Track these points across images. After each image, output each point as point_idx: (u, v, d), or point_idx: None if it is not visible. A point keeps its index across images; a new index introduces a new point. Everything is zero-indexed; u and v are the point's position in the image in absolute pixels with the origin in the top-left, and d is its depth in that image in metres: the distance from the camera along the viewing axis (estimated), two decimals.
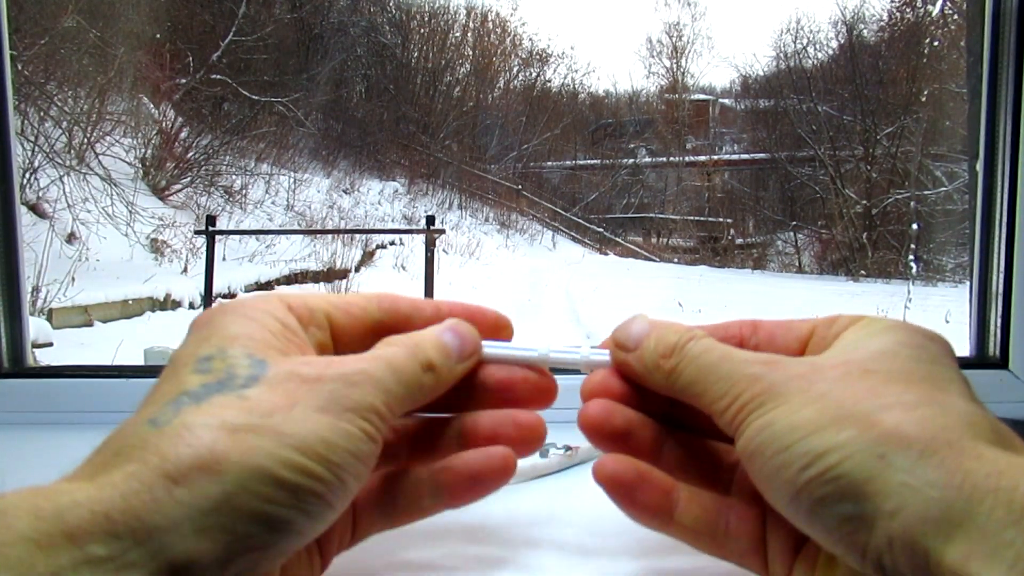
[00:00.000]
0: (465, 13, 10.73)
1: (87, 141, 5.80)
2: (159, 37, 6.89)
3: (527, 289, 6.93)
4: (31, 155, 5.06)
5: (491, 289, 6.74)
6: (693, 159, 10.77)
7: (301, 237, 6.77)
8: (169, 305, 4.87)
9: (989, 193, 0.62)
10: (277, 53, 8.45)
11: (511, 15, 11.79)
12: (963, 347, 0.64)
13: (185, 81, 7.37)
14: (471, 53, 10.91)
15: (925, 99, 7.68)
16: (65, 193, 5.20)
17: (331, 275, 6.36)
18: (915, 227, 7.83)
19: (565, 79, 11.41)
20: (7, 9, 0.61)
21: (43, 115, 5.38)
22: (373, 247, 7.31)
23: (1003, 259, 0.61)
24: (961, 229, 6.65)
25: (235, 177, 7.36)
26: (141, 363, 0.83)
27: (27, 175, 4.97)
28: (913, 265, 7.35)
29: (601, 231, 10.39)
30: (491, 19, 10.95)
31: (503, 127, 10.71)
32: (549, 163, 11.05)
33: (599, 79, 14.91)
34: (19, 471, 0.48)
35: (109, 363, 0.60)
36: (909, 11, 8.95)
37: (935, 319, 4.12)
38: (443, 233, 8.05)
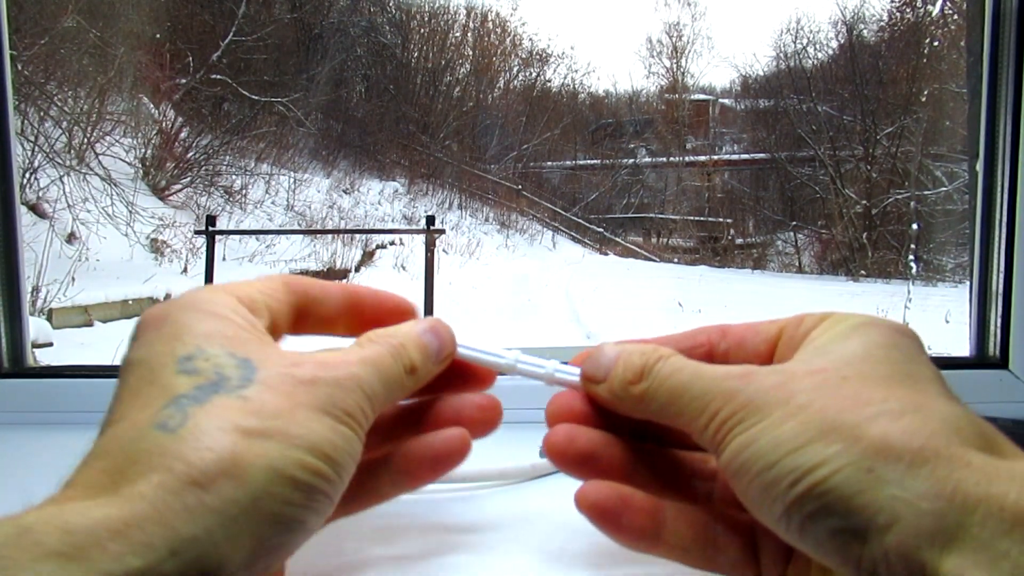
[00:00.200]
0: (465, 13, 10.74)
1: (87, 141, 5.80)
2: (159, 37, 6.88)
3: (527, 289, 6.93)
4: (31, 155, 5.06)
5: (491, 289, 6.73)
6: (693, 159, 10.76)
7: (301, 237, 6.77)
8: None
9: (989, 193, 0.62)
10: (277, 53, 8.45)
11: (511, 15, 11.78)
12: (963, 347, 0.64)
13: (185, 81, 7.37)
14: (471, 53, 10.91)
15: (925, 99, 7.67)
16: (65, 193, 5.20)
17: (331, 275, 6.36)
18: (915, 227, 7.83)
19: (565, 79, 11.41)
20: (7, 9, 0.61)
21: (43, 115, 5.38)
22: (373, 247, 7.30)
23: (1003, 259, 0.61)
24: (961, 229, 6.64)
25: (235, 177, 7.36)
26: None
27: (27, 175, 4.97)
28: (913, 265, 7.35)
29: (601, 231, 10.38)
30: (491, 19, 10.95)
31: (503, 127, 10.70)
32: (549, 163, 11.04)
33: (599, 79, 14.89)
34: (19, 471, 0.48)
35: (109, 363, 0.60)
36: (909, 11, 8.95)
37: (935, 319, 4.13)
38: (443, 233, 8.05)
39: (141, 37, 6.51)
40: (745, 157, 10.52)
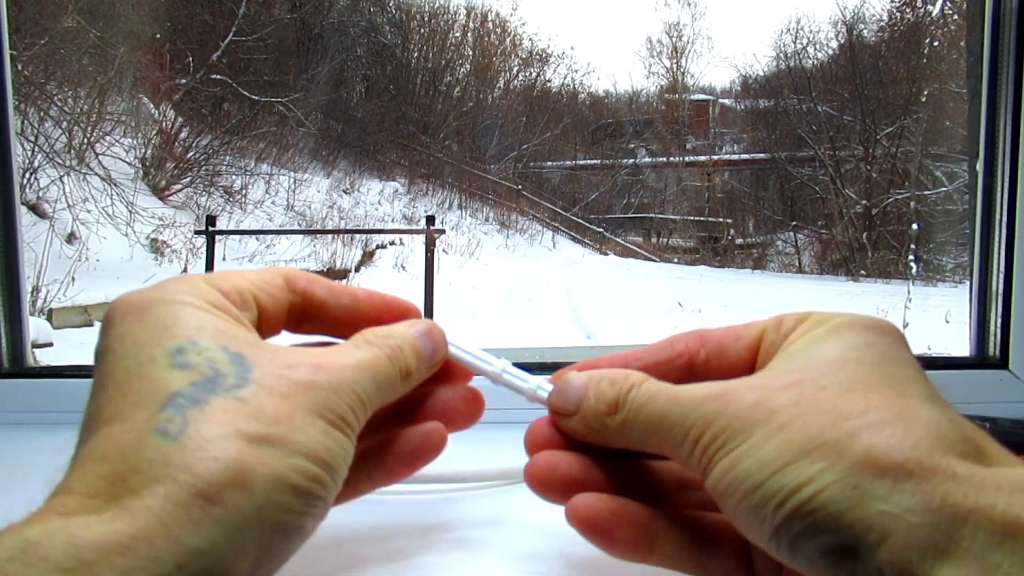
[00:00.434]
0: (465, 13, 10.73)
1: (87, 141, 5.80)
2: (159, 37, 6.88)
3: (527, 289, 6.93)
4: (31, 155, 5.06)
5: (491, 289, 6.73)
6: (693, 159, 10.75)
7: (301, 237, 6.77)
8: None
9: (989, 193, 0.62)
10: (277, 53, 8.45)
11: (511, 15, 11.77)
12: (963, 347, 0.64)
13: (185, 81, 7.37)
14: (471, 53, 10.90)
15: (925, 99, 7.67)
16: (65, 193, 5.21)
17: (331, 275, 6.35)
18: (915, 227, 7.83)
19: (565, 79, 11.41)
20: (7, 9, 0.61)
21: (43, 115, 5.38)
22: (373, 247, 7.30)
23: (1003, 259, 0.60)
24: (961, 229, 6.64)
25: (235, 177, 7.36)
26: None
27: (27, 175, 4.97)
28: (913, 265, 7.34)
29: (601, 231, 10.38)
30: (491, 19, 10.95)
31: (503, 127, 10.70)
32: (549, 163, 11.04)
33: (599, 79, 14.88)
34: (19, 471, 0.48)
35: None
36: (909, 11, 8.95)
37: (935, 319, 4.12)
38: (443, 233, 8.05)
39: (141, 37, 6.51)
40: (745, 157, 10.52)
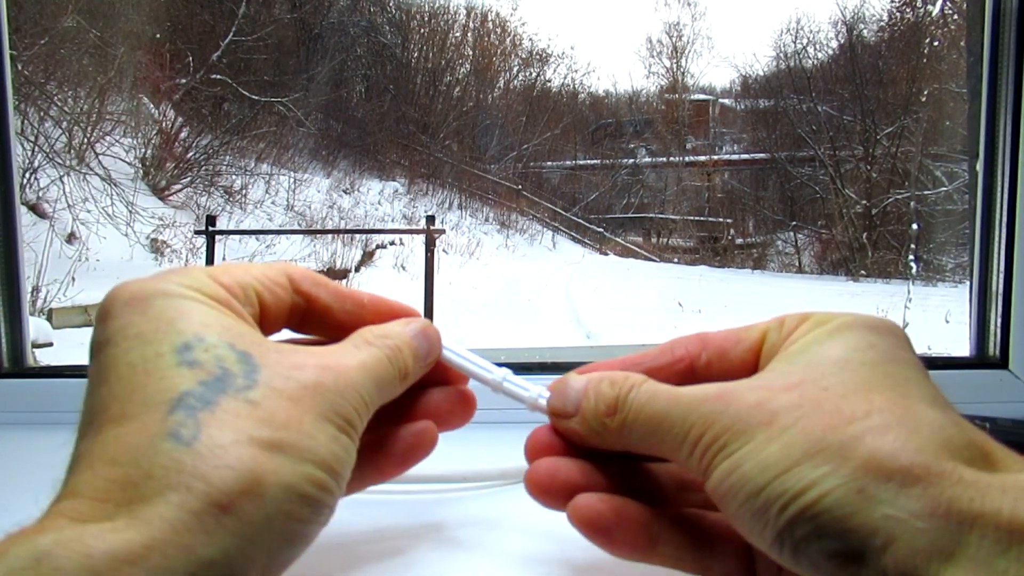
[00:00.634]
0: (465, 13, 10.73)
1: (87, 141, 5.80)
2: (159, 37, 6.89)
3: (527, 289, 6.93)
4: (31, 155, 5.06)
5: (491, 289, 6.73)
6: (693, 159, 10.75)
7: (301, 237, 6.77)
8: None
9: (989, 193, 0.62)
10: (277, 53, 8.45)
11: (511, 15, 11.78)
12: (963, 347, 0.64)
13: (185, 81, 7.37)
14: (471, 53, 10.91)
15: (925, 99, 7.67)
16: (65, 193, 5.21)
17: (331, 275, 6.35)
18: (915, 227, 7.83)
19: (565, 79, 11.41)
20: (7, 9, 0.61)
21: (43, 115, 5.38)
22: (373, 247, 7.30)
23: (1003, 259, 0.60)
24: (961, 229, 6.64)
25: (235, 177, 7.36)
26: None
27: (27, 175, 4.97)
28: (913, 265, 7.34)
29: (601, 231, 10.38)
30: (491, 19, 10.95)
31: (503, 127, 10.70)
32: (549, 163, 11.04)
33: (599, 79, 14.89)
34: (19, 471, 0.48)
35: None
36: (909, 11, 8.95)
37: (935, 319, 4.12)
38: (443, 233, 8.04)
39: (141, 37, 6.51)
40: (745, 157, 10.52)
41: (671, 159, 10.86)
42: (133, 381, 0.23)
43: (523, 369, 0.33)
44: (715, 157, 10.73)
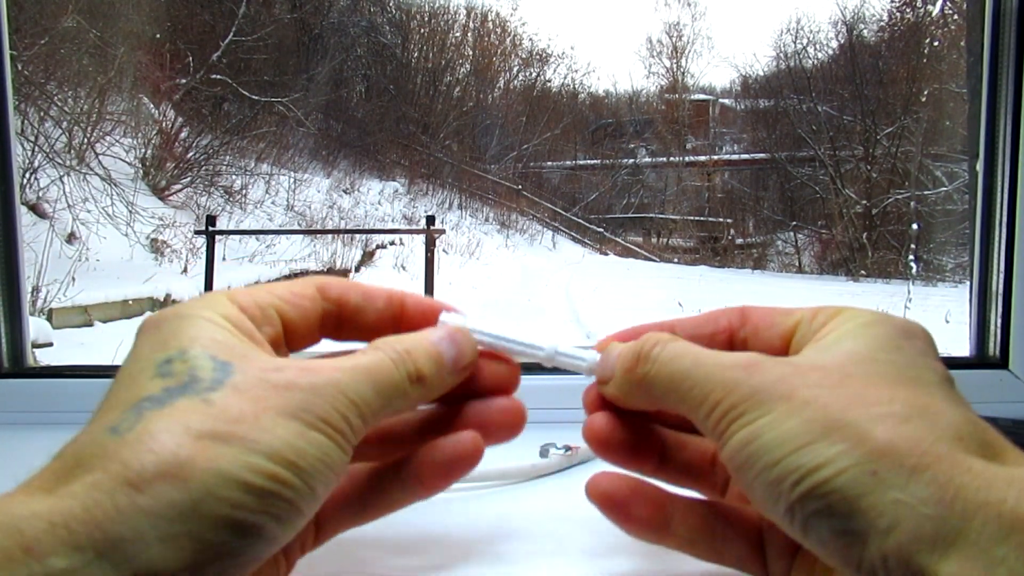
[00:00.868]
0: (465, 13, 10.74)
1: (87, 141, 5.80)
2: (159, 37, 6.89)
3: (527, 289, 6.93)
4: (31, 155, 5.06)
5: (491, 289, 6.73)
6: (693, 159, 10.76)
7: (301, 237, 6.77)
8: (169, 305, 4.85)
9: (989, 193, 0.62)
10: (277, 53, 8.45)
11: (511, 15, 11.78)
12: (963, 347, 0.64)
13: (185, 81, 7.37)
14: (471, 53, 10.91)
15: (925, 99, 7.68)
16: (65, 193, 5.20)
17: (331, 275, 6.35)
18: (915, 227, 7.83)
19: (565, 79, 11.42)
20: (7, 9, 0.61)
21: (43, 115, 5.38)
22: (373, 247, 7.30)
23: (1003, 259, 0.61)
24: (961, 229, 6.65)
25: (235, 177, 7.36)
26: None
27: (27, 175, 4.96)
28: (913, 265, 7.35)
29: (601, 231, 10.39)
30: (491, 19, 10.96)
31: (503, 127, 10.70)
32: (549, 163, 11.04)
33: (599, 79, 14.89)
34: (19, 471, 0.48)
35: (109, 363, 0.60)
36: (909, 11, 8.96)
37: (935, 319, 4.12)
38: (443, 233, 8.05)
39: (141, 37, 6.51)
40: (745, 157, 10.53)
41: (671, 159, 10.87)
42: (116, 395, 0.25)
43: (524, 369, 0.33)
44: (715, 157, 10.73)
